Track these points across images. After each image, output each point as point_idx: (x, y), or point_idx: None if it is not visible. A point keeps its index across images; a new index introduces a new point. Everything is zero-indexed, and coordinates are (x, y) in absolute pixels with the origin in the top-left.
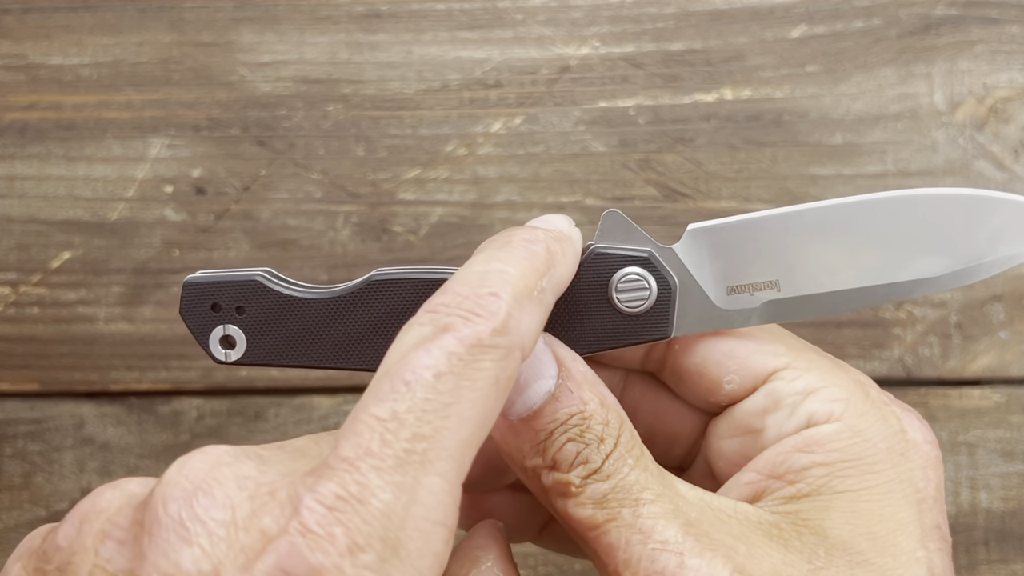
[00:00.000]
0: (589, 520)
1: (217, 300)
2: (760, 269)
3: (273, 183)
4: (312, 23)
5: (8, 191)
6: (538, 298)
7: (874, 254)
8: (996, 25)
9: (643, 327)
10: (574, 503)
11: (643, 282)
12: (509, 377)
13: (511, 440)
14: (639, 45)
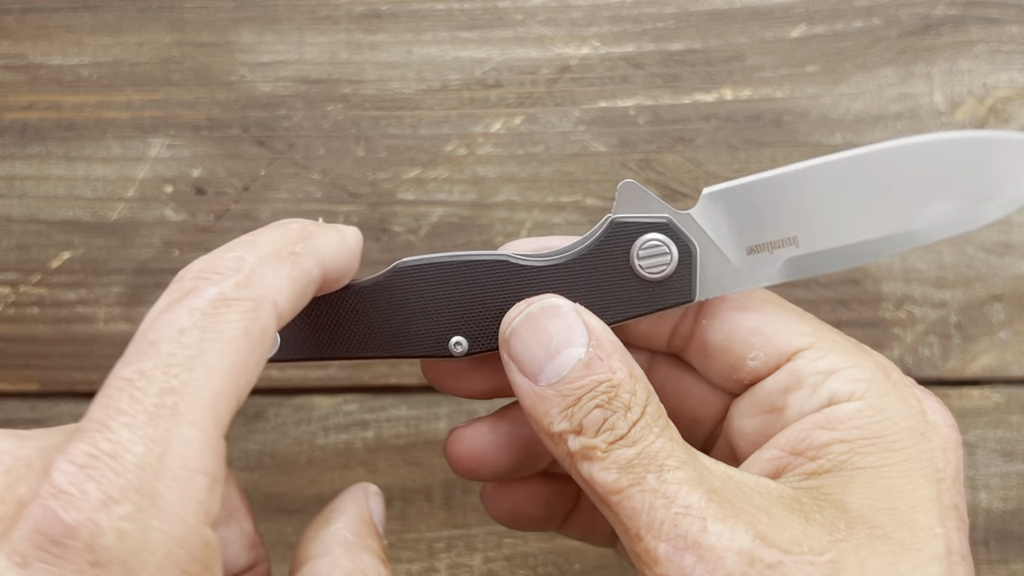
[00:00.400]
0: (613, 484)
1: None
2: (778, 227)
3: (273, 183)
4: (312, 23)
5: (8, 191)
6: (290, 258)
7: (888, 202)
8: (996, 25)
9: (667, 292)
10: (599, 467)
11: (664, 247)
12: (262, 328)
13: (539, 405)
14: (639, 45)
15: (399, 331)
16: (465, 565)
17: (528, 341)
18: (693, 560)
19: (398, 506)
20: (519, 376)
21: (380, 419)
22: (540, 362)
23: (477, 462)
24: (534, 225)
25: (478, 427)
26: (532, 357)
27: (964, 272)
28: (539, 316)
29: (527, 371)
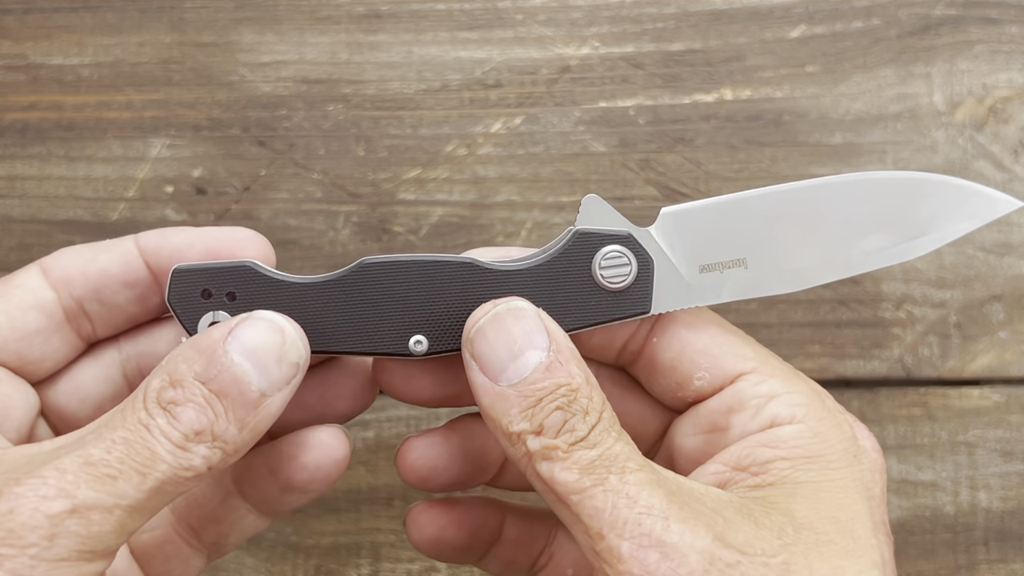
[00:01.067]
0: (576, 484)
1: (208, 286)
2: (728, 249)
3: (273, 183)
4: (312, 23)
5: (9, 191)
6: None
7: (829, 233)
8: (995, 25)
9: (625, 302)
10: (561, 467)
11: (624, 258)
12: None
13: (499, 404)
14: (639, 45)
15: (360, 327)
16: (466, 565)
17: (492, 341)
18: (657, 557)
19: (398, 506)
20: (480, 376)
21: (380, 419)
22: (503, 362)
23: (429, 471)
24: (534, 225)
25: (431, 437)
26: (495, 357)
27: (964, 272)
28: (505, 317)
29: (489, 371)
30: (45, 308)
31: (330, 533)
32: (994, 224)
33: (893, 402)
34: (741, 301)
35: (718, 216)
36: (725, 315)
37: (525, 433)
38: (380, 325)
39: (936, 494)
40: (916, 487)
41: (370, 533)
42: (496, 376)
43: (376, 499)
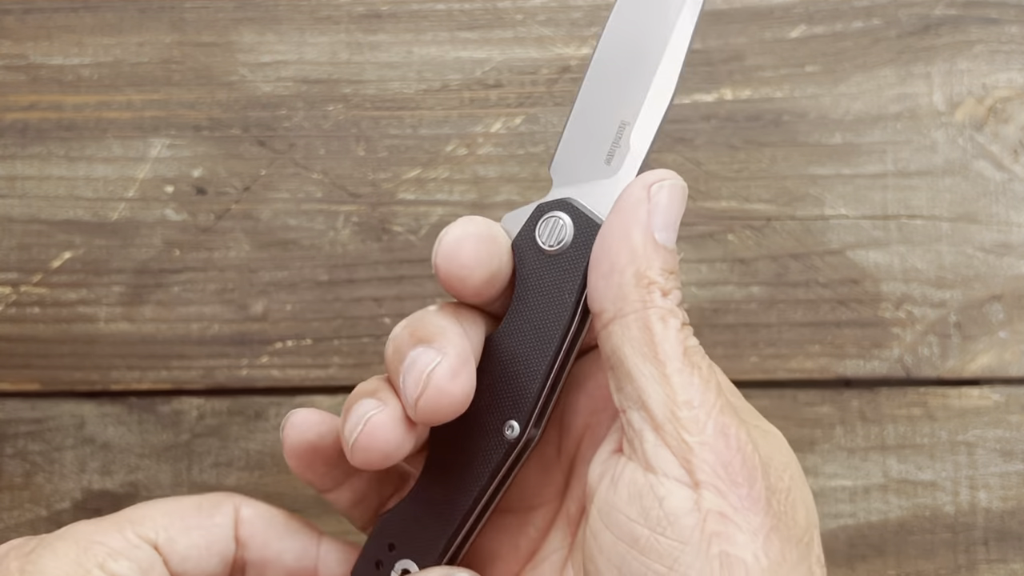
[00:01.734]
0: (675, 348)
1: (376, 558)
2: (609, 128)
3: (273, 183)
4: (312, 23)
5: (9, 191)
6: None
7: (648, 50)
8: (995, 25)
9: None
10: (670, 328)
11: (556, 220)
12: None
13: (650, 249)
14: None
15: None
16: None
17: (671, 202)
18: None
19: None
20: (646, 215)
21: None
22: (668, 223)
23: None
24: None
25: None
26: (668, 215)
27: (963, 272)
28: (683, 195)
29: (657, 219)
30: (225, 557)
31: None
32: (993, 224)
33: (893, 402)
34: (741, 301)
35: (579, 123)
36: (725, 315)
37: (655, 286)
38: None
39: (936, 494)
40: (916, 487)
41: None
42: (658, 227)
43: None
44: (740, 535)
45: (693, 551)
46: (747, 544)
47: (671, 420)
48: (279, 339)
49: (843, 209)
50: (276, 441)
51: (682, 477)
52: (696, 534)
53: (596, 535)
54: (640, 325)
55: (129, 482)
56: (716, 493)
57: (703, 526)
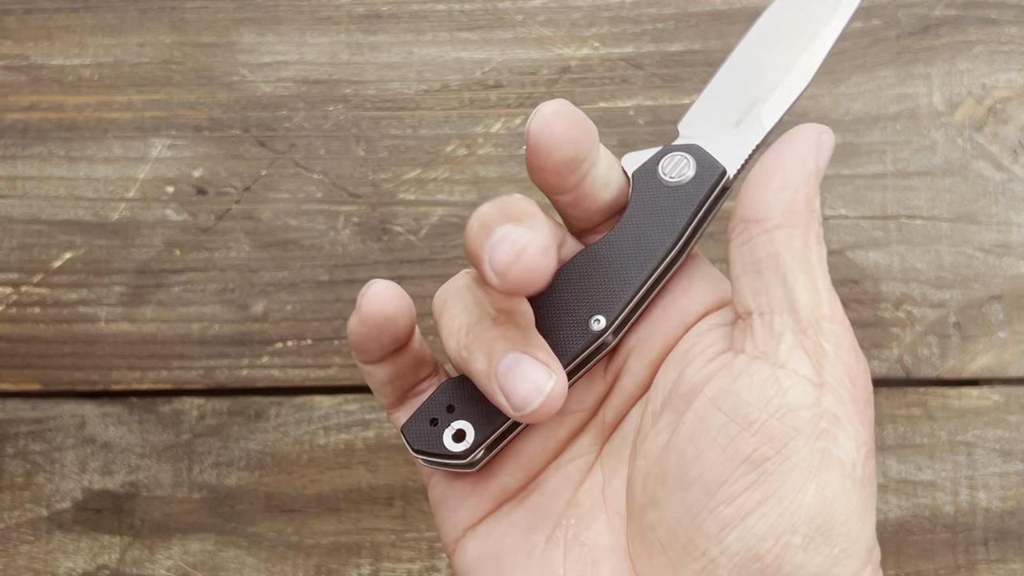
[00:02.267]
0: (800, 255)
1: (433, 416)
2: (743, 99)
3: (274, 183)
4: (313, 24)
5: (10, 191)
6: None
7: (796, 39)
8: (995, 26)
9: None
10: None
11: (681, 159)
12: None
13: (814, 182)
14: (639, 46)
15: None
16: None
17: (830, 152)
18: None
19: (398, 506)
20: (814, 155)
21: (381, 419)
22: (823, 171)
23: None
24: None
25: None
26: (824, 162)
27: (963, 272)
28: (829, 148)
29: (822, 160)
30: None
31: (330, 533)
32: (993, 224)
33: (892, 402)
34: None
35: (719, 90)
36: None
37: (816, 215)
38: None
39: (935, 494)
40: (915, 487)
41: (370, 533)
42: (820, 168)
43: (376, 499)
44: (846, 440)
45: (802, 440)
46: (849, 450)
47: (814, 326)
48: (279, 339)
49: (843, 209)
50: (276, 441)
51: (811, 376)
52: (809, 426)
53: (704, 419)
54: (804, 239)
55: (130, 482)
56: (837, 398)
57: (817, 421)
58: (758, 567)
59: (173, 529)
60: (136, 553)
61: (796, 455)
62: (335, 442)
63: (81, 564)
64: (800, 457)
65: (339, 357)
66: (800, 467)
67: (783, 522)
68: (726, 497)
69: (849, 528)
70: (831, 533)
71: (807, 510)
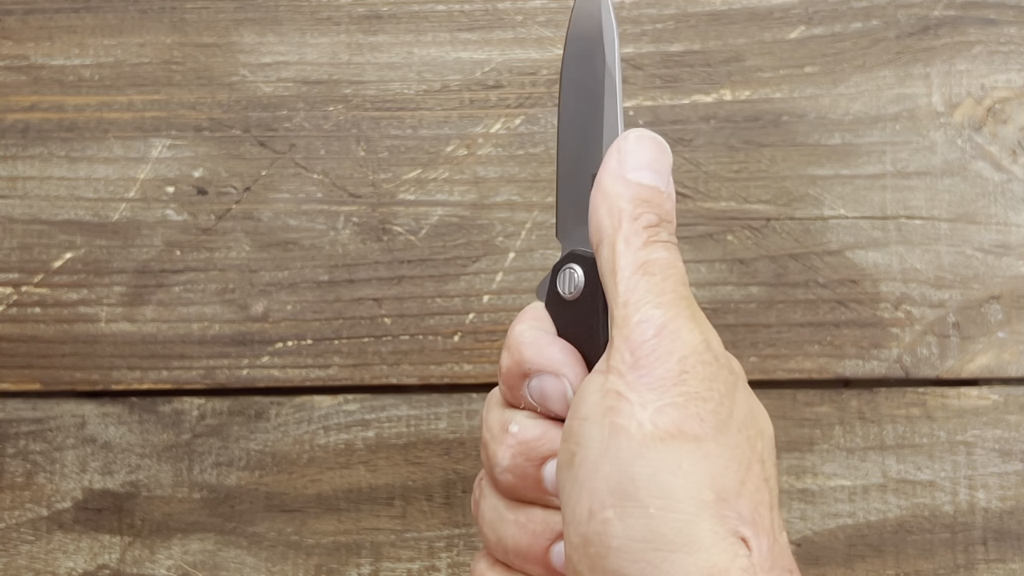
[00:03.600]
0: (630, 265)
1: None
2: (584, 185)
3: (274, 183)
4: (313, 24)
5: (10, 191)
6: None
7: (590, 103)
8: (994, 26)
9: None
10: (631, 251)
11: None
12: None
13: (620, 186)
14: (638, 46)
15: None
16: (465, 564)
17: (642, 149)
18: (653, 332)
19: (398, 505)
20: (616, 164)
21: (381, 419)
22: (640, 165)
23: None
24: (534, 225)
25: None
26: (638, 159)
27: (962, 272)
28: (662, 147)
29: (626, 164)
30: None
31: (331, 532)
32: (992, 225)
33: (892, 402)
34: (740, 301)
35: (565, 193)
36: (724, 315)
37: (624, 213)
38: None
39: (935, 494)
40: (915, 487)
41: (370, 533)
42: (627, 169)
43: (376, 499)
44: (628, 407)
45: (593, 424)
46: (633, 415)
47: (613, 321)
48: (280, 339)
49: (842, 209)
50: (277, 440)
51: (602, 367)
52: (596, 411)
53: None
54: (609, 248)
55: (130, 482)
56: (618, 375)
57: (601, 403)
58: (593, 550)
59: (173, 529)
60: (136, 553)
61: (590, 440)
62: (335, 442)
63: (81, 564)
64: (594, 441)
65: (339, 357)
66: (594, 449)
67: (593, 502)
68: (564, 502)
69: (659, 484)
70: (638, 496)
71: (607, 483)
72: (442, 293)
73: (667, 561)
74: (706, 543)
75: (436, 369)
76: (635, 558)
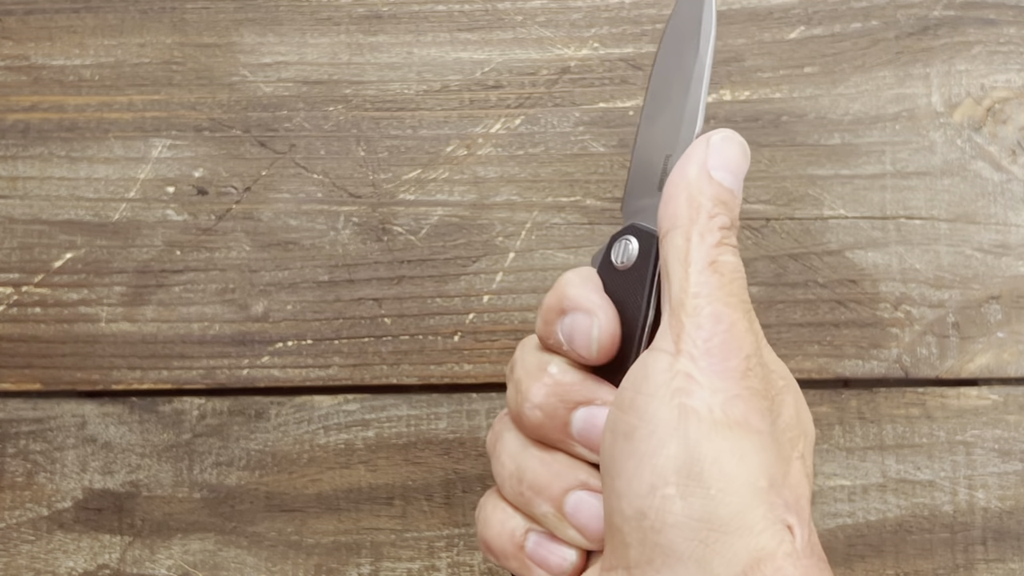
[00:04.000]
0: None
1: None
2: (657, 165)
3: (274, 184)
4: (313, 24)
5: (11, 191)
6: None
7: (679, 86)
8: (993, 26)
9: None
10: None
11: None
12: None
13: (704, 182)
14: (638, 46)
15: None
16: (466, 564)
17: (733, 149)
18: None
19: (398, 505)
20: (703, 157)
21: (381, 418)
22: (727, 164)
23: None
24: (534, 225)
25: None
26: (726, 158)
27: (962, 272)
28: (745, 151)
29: (713, 160)
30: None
31: (331, 532)
32: (992, 225)
33: (891, 402)
34: None
35: (638, 169)
36: None
37: (703, 208)
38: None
39: (934, 494)
40: (914, 487)
41: (371, 532)
42: (712, 166)
43: (376, 498)
44: (700, 391)
45: (658, 402)
46: (704, 399)
47: (680, 307)
48: (280, 339)
49: (842, 209)
50: (276, 440)
51: (669, 348)
52: (664, 389)
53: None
54: (683, 236)
55: (130, 481)
56: (690, 359)
57: (671, 383)
58: (648, 524)
59: (173, 529)
60: (137, 553)
61: (656, 417)
62: (335, 442)
63: (82, 564)
64: (660, 417)
65: (339, 357)
66: (661, 426)
67: (656, 477)
68: (617, 472)
69: (721, 468)
70: (701, 477)
71: (673, 462)
72: (442, 293)
73: (719, 542)
74: (757, 528)
75: (436, 369)
76: (689, 536)
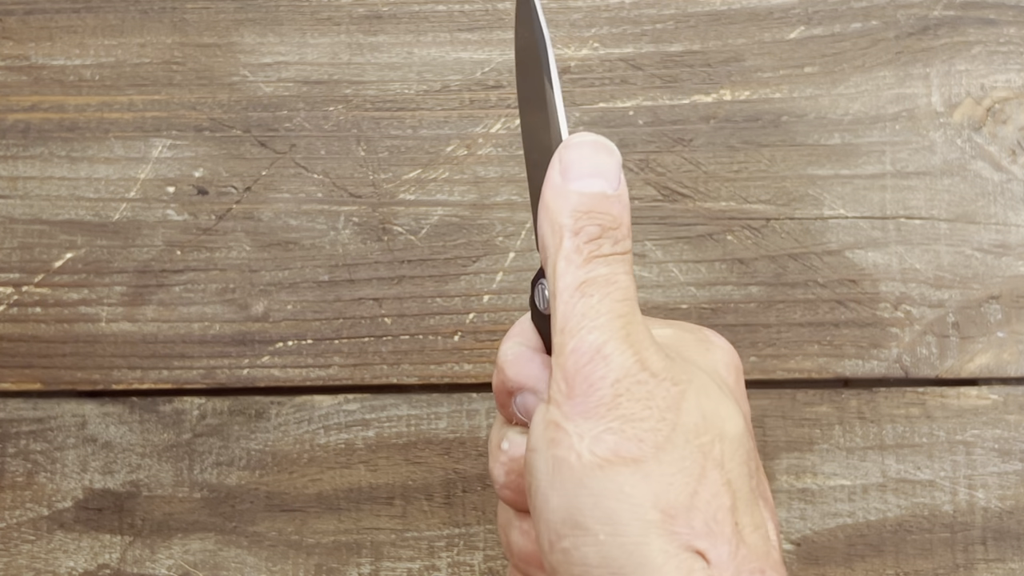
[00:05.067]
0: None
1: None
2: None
3: (275, 184)
4: (313, 24)
5: (11, 191)
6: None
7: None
8: (993, 26)
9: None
10: (573, 268)
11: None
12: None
13: (560, 200)
14: (638, 47)
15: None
16: (466, 564)
17: (583, 155)
18: (588, 359)
19: (399, 505)
20: (557, 175)
21: (381, 418)
22: (581, 173)
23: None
24: None
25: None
26: (579, 167)
27: (962, 272)
28: (602, 147)
29: (567, 174)
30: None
31: (331, 532)
32: (991, 225)
33: (891, 402)
34: (740, 300)
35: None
36: (724, 315)
37: (565, 229)
38: None
39: (934, 493)
40: (914, 486)
41: (371, 532)
42: (569, 179)
43: (377, 498)
44: (566, 439)
45: (540, 457)
46: (572, 447)
47: (555, 348)
48: (280, 339)
49: (842, 209)
50: (277, 440)
51: (543, 395)
52: (541, 442)
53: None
54: (551, 269)
55: (130, 481)
56: (556, 406)
57: (544, 435)
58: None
59: (174, 528)
60: (137, 552)
61: (539, 472)
62: (335, 441)
63: (82, 563)
64: (542, 471)
65: (339, 357)
66: (544, 481)
67: (551, 532)
68: (534, 531)
69: (603, 511)
70: (585, 525)
71: (558, 515)
72: (442, 293)
73: None
74: (657, 562)
75: (436, 369)
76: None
